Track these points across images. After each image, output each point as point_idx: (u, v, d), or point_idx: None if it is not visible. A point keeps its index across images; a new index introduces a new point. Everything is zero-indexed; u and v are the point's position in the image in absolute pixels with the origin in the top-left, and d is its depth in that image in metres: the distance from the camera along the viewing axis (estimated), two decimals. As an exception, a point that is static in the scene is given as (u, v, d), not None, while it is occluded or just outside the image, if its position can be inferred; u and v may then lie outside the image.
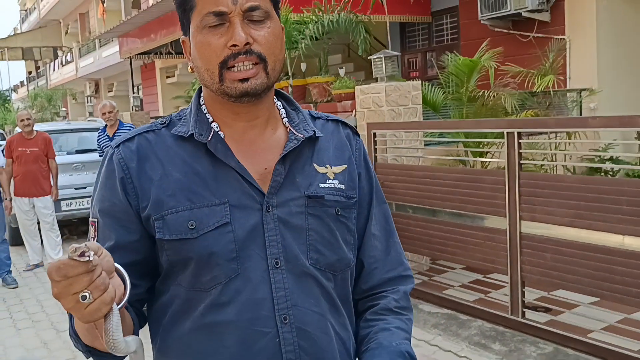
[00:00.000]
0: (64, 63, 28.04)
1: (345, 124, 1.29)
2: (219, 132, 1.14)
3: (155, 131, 1.16)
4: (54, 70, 30.45)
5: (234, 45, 1.05)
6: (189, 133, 1.13)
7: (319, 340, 1.12)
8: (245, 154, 1.13)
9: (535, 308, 4.40)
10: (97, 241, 1.12)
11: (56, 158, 7.33)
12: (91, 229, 1.15)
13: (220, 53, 1.07)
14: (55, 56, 32.55)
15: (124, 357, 1.11)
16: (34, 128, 7.16)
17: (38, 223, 7.26)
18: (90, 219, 1.16)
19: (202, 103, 1.18)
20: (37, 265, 7.28)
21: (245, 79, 1.07)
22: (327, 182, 1.18)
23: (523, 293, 4.26)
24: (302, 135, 1.16)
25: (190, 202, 1.09)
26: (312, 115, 1.26)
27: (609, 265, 3.69)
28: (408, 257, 5.47)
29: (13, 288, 6.49)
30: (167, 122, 1.18)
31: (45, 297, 6.11)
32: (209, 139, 1.12)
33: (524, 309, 4.27)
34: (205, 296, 1.09)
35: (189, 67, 1.17)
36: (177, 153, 1.13)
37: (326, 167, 1.19)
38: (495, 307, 4.51)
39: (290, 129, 1.18)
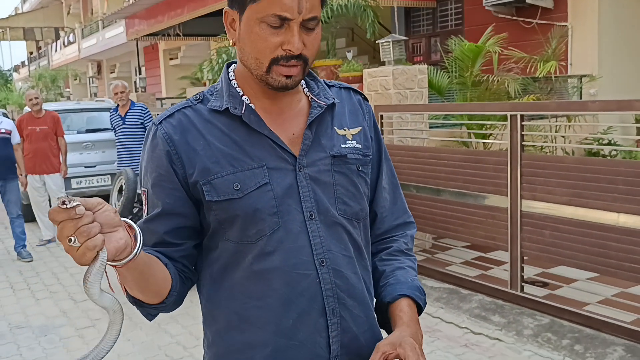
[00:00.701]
0: (66, 44, 28.06)
1: (356, 91, 1.46)
2: (250, 105, 1.27)
3: (192, 107, 1.30)
4: (55, 50, 30.45)
5: (290, 50, 1.19)
6: (224, 107, 1.26)
7: (351, 279, 1.30)
8: (275, 122, 1.29)
9: (533, 283, 4.62)
10: (147, 209, 1.28)
11: (66, 137, 7.52)
12: (143, 198, 1.30)
13: (275, 51, 1.19)
14: (57, 37, 32.54)
15: (172, 309, 1.29)
16: (43, 107, 7.35)
17: (49, 201, 7.47)
18: (141, 189, 1.31)
19: (231, 78, 1.31)
20: (49, 241, 7.48)
21: (289, 76, 1.22)
22: (347, 142, 1.33)
23: (522, 268, 4.47)
24: (324, 103, 1.31)
25: (233, 167, 1.24)
26: (327, 84, 1.41)
27: (604, 242, 3.89)
28: (412, 235, 5.70)
29: (28, 262, 6.70)
30: (201, 97, 1.33)
31: (60, 270, 6.32)
32: (243, 111, 1.26)
33: (523, 284, 4.48)
34: (253, 247, 1.25)
35: (231, 41, 1.29)
36: (214, 125, 1.27)
37: (345, 130, 1.35)
38: (495, 282, 4.72)
39: (312, 97, 1.33)
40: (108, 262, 1.03)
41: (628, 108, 3.98)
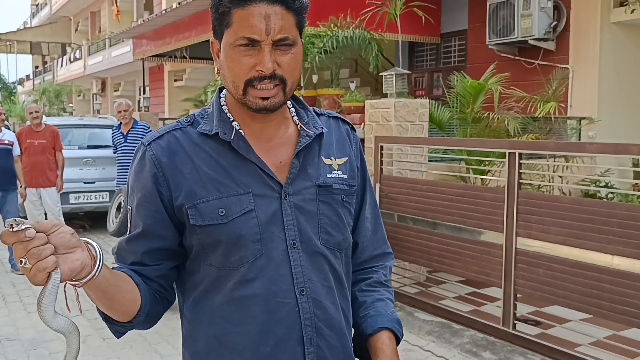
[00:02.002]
0: (72, 60, 28.25)
1: (344, 121, 1.49)
2: (240, 131, 1.29)
3: (182, 129, 1.32)
4: (61, 66, 30.65)
5: (261, 71, 1.22)
6: (214, 132, 1.28)
7: (329, 309, 1.31)
8: (263, 149, 1.31)
9: (526, 321, 4.63)
10: (130, 227, 1.31)
11: (67, 152, 7.57)
12: (128, 215, 1.33)
13: (248, 72, 1.21)
14: (64, 52, 32.78)
15: (143, 328, 1.33)
16: (43, 121, 7.41)
17: (45, 215, 7.48)
18: (127, 207, 1.34)
19: (222, 103, 1.33)
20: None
21: (266, 98, 1.24)
22: (333, 172, 1.35)
23: (515, 305, 4.48)
24: (312, 132, 1.33)
25: (219, 192, 1.25)
26: (316, 112, 1.44)
27: (598, 283, 3.91)
28: (406, 267, 5.71)
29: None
30: (191, 120, 1.34)
31: (53, 284, 6.29)
32: (232, 137, 1.27)
33: (515, 321, 4.49)
34: (234, 273, 1.26)
35: (215, 69, 1.34)
36: (203, 149, 1.28)
37: (331, 159, 1.37)
38: (487, 318, 4.73)
39: (300, 126, 1.34)
40: (68, 282, 1.06)
41: (625, 152, 4.03)
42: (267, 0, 1.20)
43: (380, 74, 6.33)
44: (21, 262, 0.98)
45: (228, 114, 1.31)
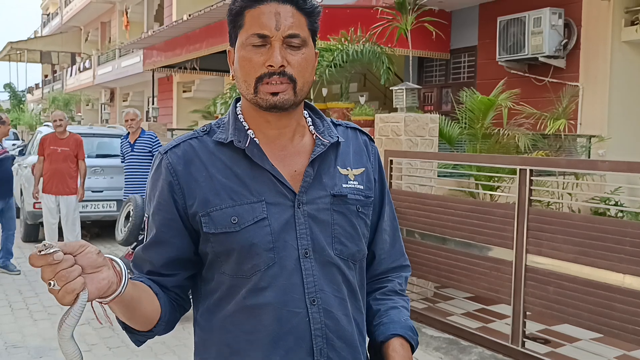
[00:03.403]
0: (81, 69, 28.45)
1: (362, 132, 1.48)
2: (255, 139, 1.30)
3: (198, 138, 1.33)
4: (70, 75, 30.86)
5: (271, 66, 1.23)
6: (229, 140, 1.29)
7: (341, 320, 1.30)
8: (278, 157, 1.31)
9: (535, 339, 4.58)
10: (146, 235, 1.33)
11: None
12: (145, 223, 1.37)
13: (258, 69, 1.23)
14: (73, 62, 33.02)
15: (162, 334, 1.32)
16: (67, 129, 7.52)
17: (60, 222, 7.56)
18: (145, 214, 1.37)
19: (239, 112, 1.34)
20: (50, 263, 7.48)
21: (275, 93, 1.25)
22: (349, 182, 1.34)
23: (524, 323, 4.44)
24: (327, 141, 1.33)
25: (232, 200, 1.26)
26: (333, 122, 1.44)
27: (609, 302, 3.88)
28: (414, 282, 5.68)
29: (16, 274, 6.86)
30: (207, 129, 1.36)
31: (59, 292, 6.29)
32: (247, 145, 1.28)
33: (524, 339, 4.45)
34: (247, 282, 1.26)
35: (231, 76, 1.35)
36: (218, 157, 1.29)
37: (347, 169, 1.36)
38: (496, 336, 4.69)
39: (316, 135, 1.34)
40: (96, 300, 1.07)
41: (638, 170, 4.01)
42: (277, 0, 1.24)
43: (389, 88, 6.35)
44: (50, 284, 1.00)
45: (243, 123, 1.32)
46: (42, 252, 0.99)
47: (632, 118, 7.93)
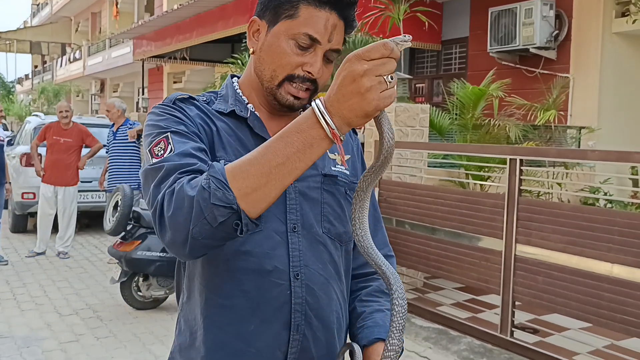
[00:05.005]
0: (71, 60, 28.24)
1: None
2: (255, 112, 1.32)
3: (199, 102, 1.32)
4: (60, 66, 30.63)
5: (309, 72, 1.24)
6: (229, 110, 1.30)
7: (321, 299, 1.29)
8: (274, 133, 1.31)
9: (524, 328, 4.59)
10: (172, 148, 1.16)
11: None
12: (160, 145, 1.18)
13: (294, 69, 1.24)
14: (63, 52, 32.78)
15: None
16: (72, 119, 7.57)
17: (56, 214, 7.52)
18: (156, 141, 1.19)
19: (236, 88, 1.36)
20: (39, 254, 7.43)
21: (297, 98, 1.26)
22: (337, 166, 1.38)
23: (513, 313, 4.44)
24: None
25: (236, 157, 1.23)
26: None
27: (597, 292, 3.89)
28: (404, 272, 5.67)
29: (4, 265, 6.75)
30: (207, 100, 1.34)
31: (47, 282, 6.25)
32: (248, 115, 1.31)
33: (513, 329, 4.45)
34: (231, 243, 1.20)
35: (251, 49, 1.32)
36: (222, 120, 1.30)
37: (335, 155, 1.38)
38: (485, 326, 4.69)
39: None
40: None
41: (627, 159, 4.01)
42: (338, 13, 1.24)
43: (381, 78, 6.31)
44: (392, 78, 0.96)
45: (242, 97, 1.34)
46: (404, 43, 0.97)
47: (623, 109, 7.94)
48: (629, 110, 8.02)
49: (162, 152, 1.16)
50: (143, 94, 15.05)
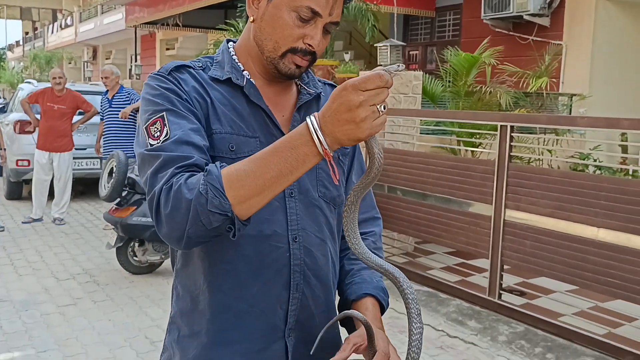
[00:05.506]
0: (63, 26, 27.89)
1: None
2: (251, 80, 1.35)
3: (195, 69, 1.34)
4: (52, 32, 30.24)
5: (310, 45, 1.27)
6: (225, 77, 1.31)
7: (319, 259, 1.35)
8: (269, 101, 1.35)
9: (511, 291, 4.71)
10: (168, 131, 1.19)
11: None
12: (156, 126, 1.21)
13: (296, 41, 1.26)
14: (54, 19, 32.35)
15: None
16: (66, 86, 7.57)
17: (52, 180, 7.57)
18: (152, 119, 1.22)
19: (232, 54, 1.38)
20: (35, 220, 7.49)
21: (298, 67, 1.29)
22: None
23: (501, 276, 4.55)
24: (313, 91, 1.39)
25: (232, 128, 1.29)
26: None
27: (583, 255, 3.99)
28: (395, 237, 5.77)
29: (1, 231, 6.84)
30: (203, 66, 1.36)
31: (44, 248, 6.33)
32: (244, 83, 1.33)
33: (501, 292, 4.57)
34: None
35: (251, 17, 1.32)
36: (217, 89, 1.32)
37: None
38: (474, 288, 4.81)
39: (301, 86, 1.41)
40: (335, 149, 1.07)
41: (616, 126, 4.08)
42: None
43: (374, 45, 6.33)
44: (384, 107, 1.02)
45: (238, 64, 1.35)
46: (397, 72, 1.01)
47: (614, 76, 7.98)
48: (620, 77, 8.06)
49: (158, 133, 1.20)
50: (136, 61, 14.94)
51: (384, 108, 1.02)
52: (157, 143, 1.19)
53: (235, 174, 1.11)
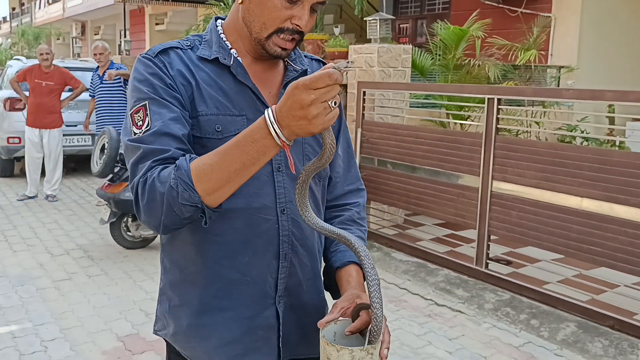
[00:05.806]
0: (50, 2, 27.52)
1: (324, 63, 1.54)
2: (238, 58, 1.37)
3: (182, 49, 1.38)
4: (39, 8, 29.83)
5: (297, 25, 1.31)
6: (213, 56, 1.35)
7: (306, 230, 1.43)
8: (256, 79, 1.39)
9: (498, 260, 4.82)
10: (150, 121, 1.26)
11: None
12: (139, 114, 1.28)
13: (283, 22, 1.30)
14: (42, -6, 31.89)
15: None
16: (54, 62, 7.52)
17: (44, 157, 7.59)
18: (136, 107, 1.28)
19: (220, 32, 1.42)
20: (30, 197, 7.53)
21: (284, 49, 1.34)
22: None
23: (488, 246, 4.65)
24: (299, 68, 1.44)
25: (217, 109, 1.34)
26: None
27: (567, 224, 4.08)
28: (385, 209, 5.86)
29: None
30: (191, 45, 1.40)
31: (38, 225, 6.38)
32: (231, 62, 1.37)
33: (488, 261, 4.67)
34: None
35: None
36: (203, 70, 1.37)
37: None
38: (461, 258, 4.91)
39: (288, 63, 1.46)
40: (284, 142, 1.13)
41: (600, 97, 4.14)
42: None
43: (364, 19, 6.34)
44: (335, 103, 1.08)
45: (226, 42, 1.39)
46: (344, 71, 1.06)
47: (602, 49, 8.03)
48: (608, 49, 8.11)
49: (140, 122, 1.28)
50: (125, 36, 14.83)
51: (335, 104, 1.08)
52: (140, 133, 1.27)
53: (203, 167, 1.18)
